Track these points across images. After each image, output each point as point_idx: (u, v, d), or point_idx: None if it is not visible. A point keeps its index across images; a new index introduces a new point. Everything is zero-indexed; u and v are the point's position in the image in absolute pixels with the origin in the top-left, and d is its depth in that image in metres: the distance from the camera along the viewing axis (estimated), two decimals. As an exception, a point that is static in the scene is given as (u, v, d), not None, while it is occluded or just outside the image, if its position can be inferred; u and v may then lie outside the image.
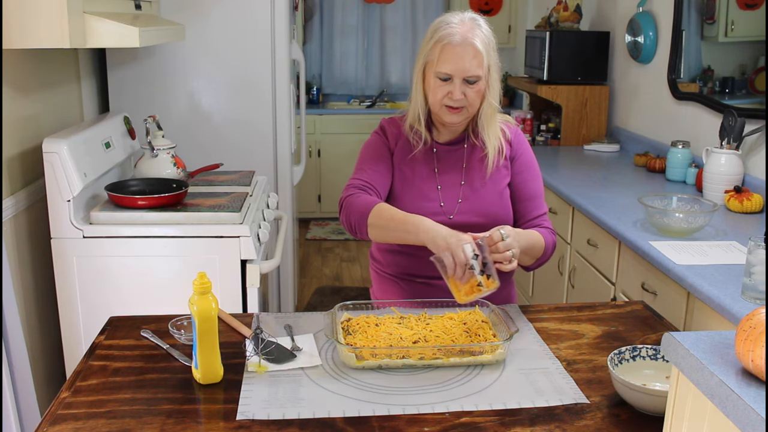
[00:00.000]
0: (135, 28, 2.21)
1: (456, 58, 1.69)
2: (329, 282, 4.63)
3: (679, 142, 3.09)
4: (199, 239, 2.32)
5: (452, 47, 1.70)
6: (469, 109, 1.76)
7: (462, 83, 1.71)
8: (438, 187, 1.83)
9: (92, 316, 2.32)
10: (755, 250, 1.72)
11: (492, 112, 1.81)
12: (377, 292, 1.98)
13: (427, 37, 1.76)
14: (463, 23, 1.72)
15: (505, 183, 1.87)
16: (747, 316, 0.97)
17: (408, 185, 1.83)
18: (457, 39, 1.69)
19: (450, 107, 1.75)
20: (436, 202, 1.82)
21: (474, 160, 1.86)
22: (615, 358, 1.42)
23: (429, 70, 1.75)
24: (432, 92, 1.75)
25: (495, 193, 1.84)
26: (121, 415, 1.30)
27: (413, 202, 1.80)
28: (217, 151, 3.23)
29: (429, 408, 1.33)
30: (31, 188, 2.43)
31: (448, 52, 1.70)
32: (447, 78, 1.71)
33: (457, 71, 1.70)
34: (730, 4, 2.95)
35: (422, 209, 1.78)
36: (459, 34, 1.70)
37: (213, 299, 1.41)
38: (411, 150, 1.84)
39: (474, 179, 1.84)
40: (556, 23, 4.23)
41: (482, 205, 1.82)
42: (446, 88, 1.72)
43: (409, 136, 1.84)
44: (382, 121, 1.92)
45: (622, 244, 2.42)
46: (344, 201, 1.78)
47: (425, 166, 1.85)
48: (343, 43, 6.14)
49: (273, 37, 3.23)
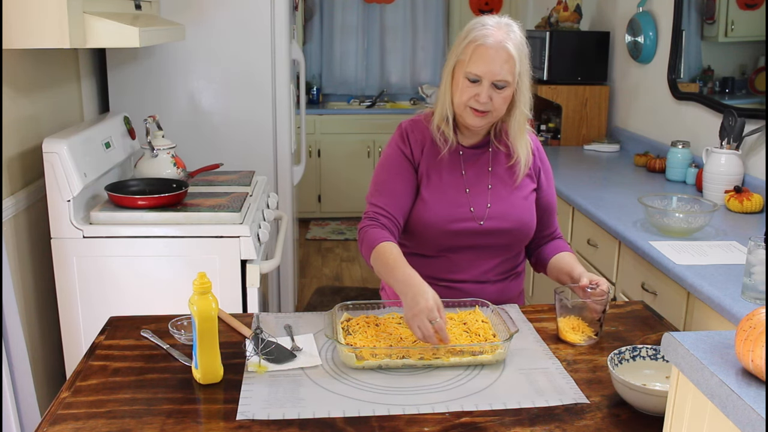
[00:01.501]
0: (135, 28, 2.21)
1: (487, 60, 1.67)
2: (329, 282, 4.63)
3: (679, 142, 3.09)
4: (199, 239, 2.32)
5: (485, 49, 1.67)
6: (493, 113, 1.73)
7: (490, 87, 1.68)
8: (467, 191, 1.81)
9: (92, 316, 2.32)
10: (755, 250, 1.72)
11: (523, 121, 1.79)
12: (390, 292, 1.92)
13: (461, 36, 1.73)
14: (499, 27, 1.69)
15: (529, 190, 1.86)
16: (747, 316, 0.97)
17: (437, 192, 1.79)
18: (490, 41, 1.67)
19: (475, 110, 1.72)
20: (466, 207, 1.79)
21: (499, 165, 1.84)
22: (615, 358, 1.42)
23: (459, 70, 1.71)
24: (459, 92, 1.72)
25: (521, 198, 1.83)
26: (121, 415, 1.30)
27: (444, 209, 1.78)
28: (217, 151, 3.23)
29: (429, 408, 1.33)
30: (31, 188, 2.43)
31: (480, 54, 1.67)
32: (476, 80, 1.68)
33: (487, 74, 1.67)
34: (730, 4, 2.95)
35: (453, 215, 1.77)
36: (493, 36, 1.67)
37: (213, 299, 1.41)
38: (438, 153, 1.80)
39: (500, 184, 1.83)
40: (556, 23, 4.23)
41: (511, 210, 1.81)
42: (474, 90, 1.69)
43: (436, 138, 1.79)
44: (405, 126, 1.85)
45: (622, 244, 2.42)
46: (359, 232, 1.78)
47: (453, 170, 1.81)
48: (343, 43, 6.14)
49: (273, 37, 3.23)
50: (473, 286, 1.83)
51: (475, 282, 1.83)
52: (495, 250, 1.83)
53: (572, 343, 1.61)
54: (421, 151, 1.81)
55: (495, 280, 1.85)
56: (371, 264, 1.71)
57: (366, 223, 1.77)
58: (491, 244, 1.81)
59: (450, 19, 6.07)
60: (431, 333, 1.47)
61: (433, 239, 1.79)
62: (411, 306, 1.50)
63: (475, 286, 1.83)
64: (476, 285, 1.83)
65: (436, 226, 1.77)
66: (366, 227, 1.76)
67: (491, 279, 1.85)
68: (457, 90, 1.72)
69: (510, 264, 1.88)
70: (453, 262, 1.80)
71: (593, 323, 1.61)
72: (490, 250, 1.82)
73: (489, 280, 1.85)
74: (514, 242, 1.84)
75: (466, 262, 1.81)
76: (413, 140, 1.82)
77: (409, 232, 1.83)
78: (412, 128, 1.84)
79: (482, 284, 1.84)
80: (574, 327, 1.61)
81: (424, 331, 1.47)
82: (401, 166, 1.81)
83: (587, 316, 1.61)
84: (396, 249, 1.67)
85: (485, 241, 1.80)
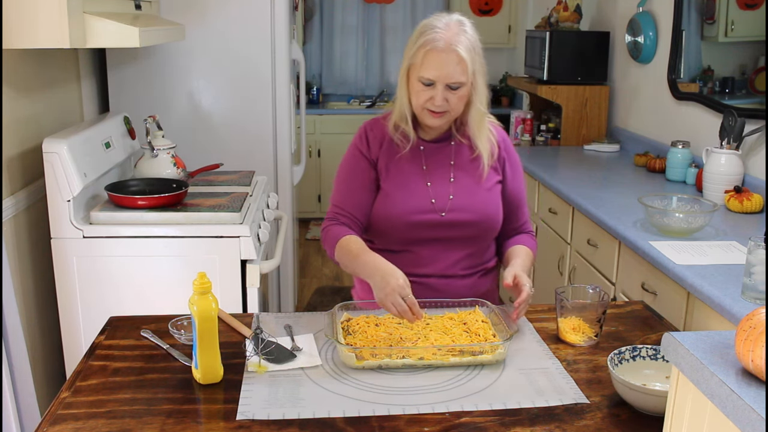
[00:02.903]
0: (135, 28, 2.21)
1: (439, 64, 1.67)
2: (329, 282, 4.63)
3: (679, 142, 3.09)
4: (199, 239, 2.32)
5: (436, 53, 1.67)
6: (451, 113, 1.75)
7: (444, 89, 1.69)
8: (428, 184, 1.82)
9: (92, 316, 2.32)
10: (755, 250, 1.72)
11: (481, 117, 1.80)
12: (361, 291, 1.95)
13: (413, 39, 1.73)
14: (448, 27, 1.69)
15: (494, 181, 1.86)
16: (747, 316, 0.97)
17: (398, 185, 1.81)
18: (441, 45, 1.66)
19: (432, 111, 1.73)
20: (426, 199, 1.80)
21: (462, 158, 1.85)
22: (615, 358, 1.42)
23: (413, 73, 1.72)
24: (415, 95, 1.73)
25: (485, 190, 1.84)
26: (121, 415, 1.31)
27: (406, 201, 1.79)
28: (217, 151, 3.23)
29: (429, 408, 1.33)
30: (31, 188, 2.43)
31: (431, 58, 1.67)
32: (430, 83, 1.69)
33: (439, 77, 1.68)
34: (730, 4, 2.95)
35: (414, 208, 1.78)
36: (443, 39, 1.67)
37: (213, 299, 1.41)
38: (398, 150, 1.82)
39: (463, 177, 1.83)
40: (556, 23, 4.23)
41: (473, 202, 1.82)
42: (428, 93, 1.70)
43: (394, 137, 1.81)
44: (365, 125, 1.87)
45: (622, 244, 2.42)
46: (322, 233, 1.85)
47: (413, 165, 1.83)
48: (343, 43, 6.14)
49: (273, 37, 3.23)
50: (440, 281, 1.82)
51: (441, 276, 1.82)
52: (459, 242, 1.82)
53: (572, 343, 1.61)
54: (380, 147, 1.83)
55: (463, 275, 1.85)
56: (336, 259, 1.77)
57: (327, 223, 1.84)
58: (455, 236, 1.81)
59: (450, 19, 6.06)
60: (406, 308, 1.53)
61: (396, 232, 1.80)
62: (382, 286, 1.56)
63: (442, 281, 1.82)
64: (443, 279, 1.82)
65: (397, 218, 1.78)
66: (327, 226, 1.83)
67: (458, 273, 1.84)
68: (413, 92, 1.74)
69: (477, 258, 1.87)
70: (418, 255, 1.80)
71: (593, 324, 1.61)
72: (454, 242, 1.82)
73: (456, 274, 1.84)
74: (479, 235, 1.84)
75: (431, 256, 1.81)
76: (372, 138, 1.84)
77: (373, 228, 1.84)
78: (372, 126, 1.87)
79: (449, 279, 1.83)
80: (575, 327, 1.61)
81: (398, 307, 1.53)
82: (358, 165, 1.84)
83: (588, 317, 1.61)
84: (359, 240, 1.75)
85: (448, 233, 1.80)
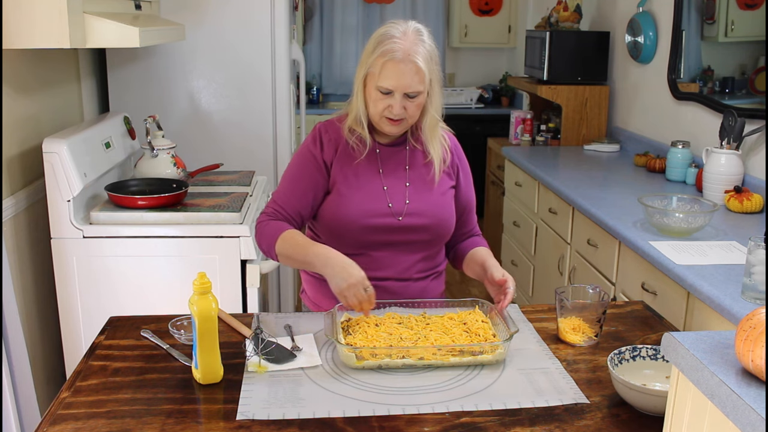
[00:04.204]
0: (135, 28, 2.21)
1: (398, 74, 1.67)
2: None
3: (679, 142, 3.09)
4: (199, 239, 2.32)
5: (394, 64, 1.67)
6: (408, 120, 1.75)
7: (402, 98, 1.69)
8: (384, 188, 1.81)
9: (92, 316, 2.32)
10: (755, 250, 1.72)
11: (434, 124, 1.80)
12: (311, 294, 1.93)
13: (370, 48, 1.72)
14: (405, 37, 1.69)
15: (447, 186, 1.87)
16: (747, 316, 0.97)
17: (354, 188, 1.80)
18: (399, 56, 1.66)
19: (390, 119, 1.73)
20: (383, 203, 1.80)
21: (416, 163, 1.85)
22: (615, 358, 1.42)
23: (370, 81, 1.72)
24: (372, 103, 1.73)
25: (439, 194, 1.84)
26: (121, 415, 1.30)
27: (362, 204, 1.78)
28: (217, 151, 3.23)
29: (429, 408, 1.33)
30: (31, 188, 2.43)
31: (389, 69, 1.67)
32: (388, 92, 1.69)
33: (398, 87, 1.68)
34: (730, 4, 2.95)
35: (371, 211, 1.78)
36: (401, 50, 1.67)
37: (213, 299, 1.41)
38: (353, 153, 1.81)
39: (418, 181, 1.84)
40: (556, 23, 4.23)
41: (429, 207, 1.82)
42: (387, 102, 1.70)
43: (349, 140, 1.80)
44: (319, 127, 1.85)
45: (622, 244, 2.42)
46: (256, 227, 1.82)
47: (369, 168, 1.82)
48: (343, 43, 6.14)
49: (273, 37, 3.23)
50: (396, 284, 1.82)
51: (397, 279, 1.82)
52: (414, 246, 1.83)
53: (572, 343, 1.61)
54: (335, 150, 1.81)
55: (417, 278, 1.85)
56: (275, 253, 1.75)
57: (264, 218, 1.81)
58: (411, 240, 1.81)
59: (450, 19, 6.07)
60: (365, 299, 1.58)
61: (352, 235, 1.78)
62: (345, 277, 1.59)
63: (397, 284, 1.82)
64: (399, 283, 1.82)
65: (354, 222, 1.77)
66: (265, 221, 1.80)
67: (413, 277, 1.84)
68: (370, 100, 1.74)
69: (430, 262, 1.88)
70: (373, 259, 1.80)
71: (593, 324, 1.61)
72: (410, 246, 1.82)
73: (411, 277, 1.84)
74: (434, 239, 1.84)
75: (387, 259, 1.81)
76: (326, 140, 1.82)
77: (328, 231, 1.82)
78: (327, 129, 1.84)
79: (405, 282, 1.83)
80: (575, 327, 1.61)
81: (360, 298, 1.58)
82: (307, 168, 1.82)
83: (587, 317, 1.61)
84: (303, 235, 1.76)
85: (404, 237, 1.80)
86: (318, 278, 1.88)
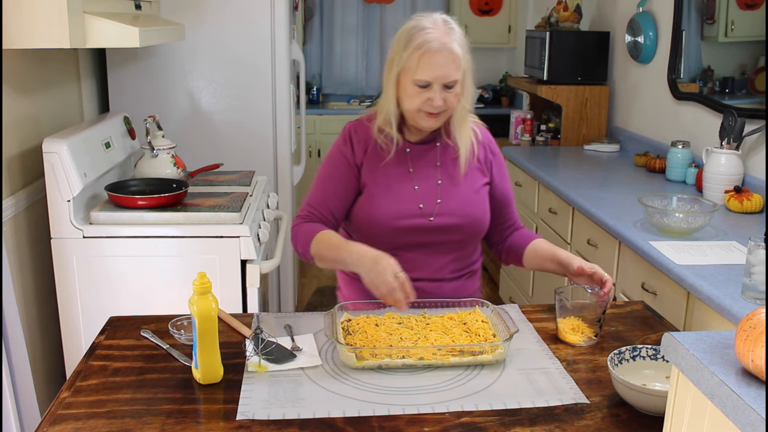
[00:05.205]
0: (135, 28, 2.21)
1: (436, 65, 1.65)
2: (329, 282, 4.63)
3: (679, 142, 3.09)
4: (199, 239, 2.32)
5: (431, 54, 1.64)
6: (448, 112, 1.73)
7: (441, 89, 1.67)
8: (415, 188, 1.79)
9: (92, 316, 2.32)
10: (755, 250, 1.72)
11: (464, 115, 1.78)
12: (347, 292, 1.93)
13: (401, 43, 1.70)
14: (437, 26, 1.67)
15: (480, 183, 1.85)
16: (747, 316, 0.97)
17: (383, 189, 1.78)
18: (435, 45, 1.64)
19: (428, 113, 1.71)
20: (414, 204, 1.78)
21: (448, 160, 1.83)
22: (615, 358, 1.42)
23: (405, 77, 1.69)
24: (409, 99, 1.70)
25: (472, 192, 1.82)
26: (121, 415, 1.30)
27: (392, 206, 1.77)
28: (217, 151, 3.23)
29: (429, 408, 1.33)
30: (31, 188, 2.43)
31: (426, 60, 1.65)
32: (426, 85, 1.67)
33: (437, 78, 1.66)
34: (730, 4, 2.95)
35: (401, 212, 1.77)
36: (436, 40, 1.65)
37: (213, 299, 1.41)
38: (383, 153, 1.79)
39: (450, 179, 1.82)
40: (556, 23, 4.23)
41: (461, 205, 1.80)
42: (426, 95, 1.68)
43: (378, 140, 1.79)
44: (348, 127, 1.84)
45: (622, 244, 2.42)
46: (291, 230, 1.82)
47: (399, 168, 1.80)
48: (343, 43, 6.14)
49: (273, 37, 3.23)
50: (429, 284, 1.81)
51: (430, 280, 1.81)
52: (448, 246, 1.81)
53: (572, 343, 1.61)
54: (364, 150, 1.80)
55: (451, 278, 1.84)
56: (312, 254, 1.74)
57: (299, 221, 1.81)
58: (443, 240, 1.80)
59: (450, 19, 6.07)
60: (396, 287, 1.54)
61: (383, 237, 1.77)
62: (372, 267, 1.58)
63: (431, 284, 1.81)
64: (432, 283, 1.81)
65: (384, 224, 1.76)
66: (300, 224, 1.80)
67: (447, 277, 1.83)
68: (405, 96, 1.71)
69: (464, 261, 1.87)
70: (405, 260, 1.75)
71: (593, 324, 1.61)
72: (443, 246, 1.81)
73: (445, 277, 1.83)
74: (467, 238, 1.83)
75: (420, 260, 1.80)
76: (356, 141, 1.81)
77: (360, 232, 1.81)
78: (356, 129, 1.83)
79: (438, 282, 1.82)
80: (574, 328, 1.61)
81: (390, 285, 1.54)
82: (338, 168, 1.81)
83: (587, 317, 1.61)
84: (337, 235, 1.74)
85: (437, 238, 1.79)
86: (353, 276, 1.88)
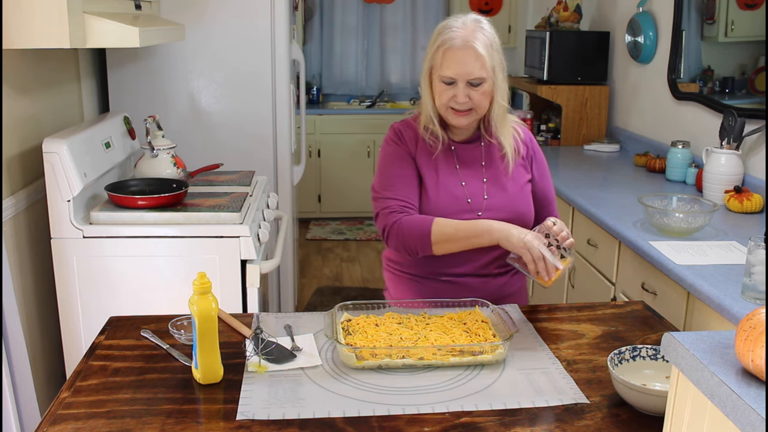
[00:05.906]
0: (135, 28, 2.21)
1: (457, 61, 1.71)
2: (329, 282, 4.63)
3: (679, 142, 3.09)
4: (199, 239, 2.32)
5: (453, 51, 1.71)
6: (477, 110, 1.78)
7: (466, 86, 1.73)
8: (462, 184, 1.84)
9: (92, 316, 2.32)
10: (755, 250, 1.72)
11: (503, 112, 1.83)
12: (394, 293, 1.96)
13: (432, 41, 1.78)
14: (465, 26, 1.74)
15: (525, 180, 1.89)
16: (747, 316, 0.97)
17: (434, 183, 1.83)
18: (458, 43, 1.71)
19: (455, 110, 1.76)
20: (463, 199, 1.83)
21: (493, 158, 1.87)
22: (615, 358, 1.42)
23: (434, 74, 1.77)
24: (438, 96, 1.77)
25: (517, 189, 1.87)
26: (121, 415, 1.30)
27: (442, 201, 1.81)
28: (218, 151, 3.23)
29: (429, 408, 1.33)
30: (31, 188, 2.43)
31: (449, 57, 1.72)
32: (451, 82, 1.73)
33: (459, 75, 1.72)
34: (730, 4, 2.95)
35: (452, 207, 1.80)
36: (460, 37, 1.71)
37: (213, 299, 1.41)
38: (431, 150, 1.84)
39: (495, 176, 1.86)
40: (556, 23, 4.23)
41: (508, 202, 1.84)
42: (451, 92, 1.74)
43: (425, 137, 1.84)
44: (396, 126, 1.89)
45: (622, 244, 2.42)
46: (392, 227, 1.76)
47: (447, 164, 1.85)
48: (343, 43, 6.14)
49: (273, 37, 3.23)
50: (476, 280, 1.84)
51: (476, 276, 1.84)
52: None
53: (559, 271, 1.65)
54: (415, 145, 1.86)
55: (497, 274, 1.87)
56: (432, 246, 1.72)
57: (395, 217, 1.77)
58: None
59: (450, 19, 6.07)
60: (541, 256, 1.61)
61: None
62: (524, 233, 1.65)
63: (477, 280, 1.84)
64: (479, 279, 1.85)
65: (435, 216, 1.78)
66: (398, 221, 1.76)
67: (493, 272, 1.87)
68: (436, 93, 1.78)
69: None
70: (454, 255, 1.80)
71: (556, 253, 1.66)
72: None
73: (491, 273, 1.86)
74: None
75: (467, 255, 1.82)
76: (407, 137, 1.86)
77: None
78: (404, 128, 1.88)
79: (485, 278, 1.85)
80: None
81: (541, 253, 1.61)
82: (404, 159, 1.84)
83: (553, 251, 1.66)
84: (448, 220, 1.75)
85: None
86: (401, 276, 1.91)
